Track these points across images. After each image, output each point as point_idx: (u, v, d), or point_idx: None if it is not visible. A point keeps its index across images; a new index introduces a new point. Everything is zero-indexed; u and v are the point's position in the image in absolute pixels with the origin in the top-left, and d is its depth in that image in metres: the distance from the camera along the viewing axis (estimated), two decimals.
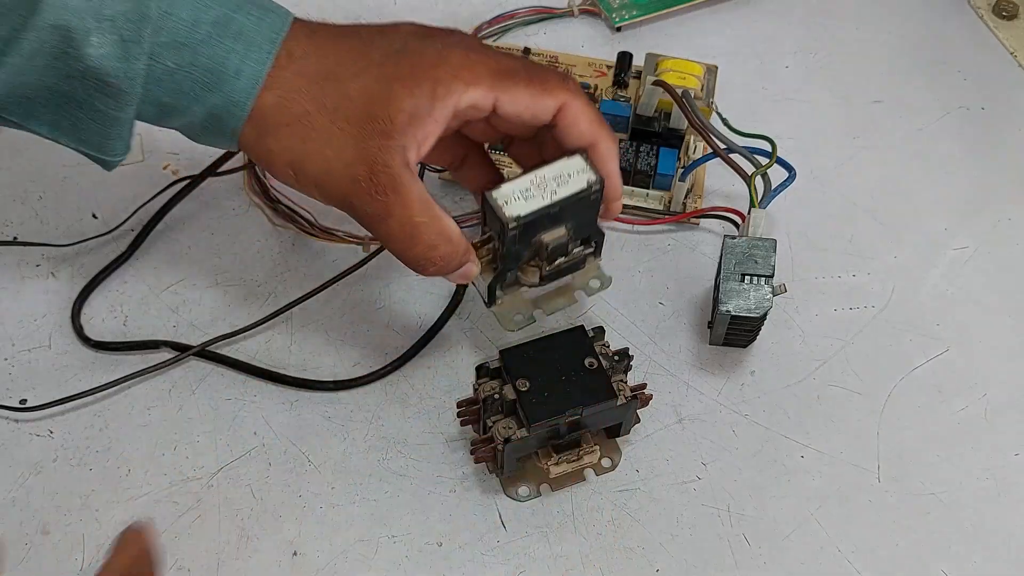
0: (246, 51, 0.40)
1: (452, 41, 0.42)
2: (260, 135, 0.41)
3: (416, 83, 0.40)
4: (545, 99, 0.42)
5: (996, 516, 0.48)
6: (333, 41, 0.41)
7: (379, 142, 0.40)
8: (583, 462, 0.47)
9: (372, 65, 0.41)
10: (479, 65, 0.41)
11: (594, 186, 0.43)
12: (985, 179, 0.59)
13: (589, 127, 0.43)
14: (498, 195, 0.42)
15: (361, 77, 0.40)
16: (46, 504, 0.47)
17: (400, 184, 0.40)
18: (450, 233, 0.42)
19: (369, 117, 0.40)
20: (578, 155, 0.43)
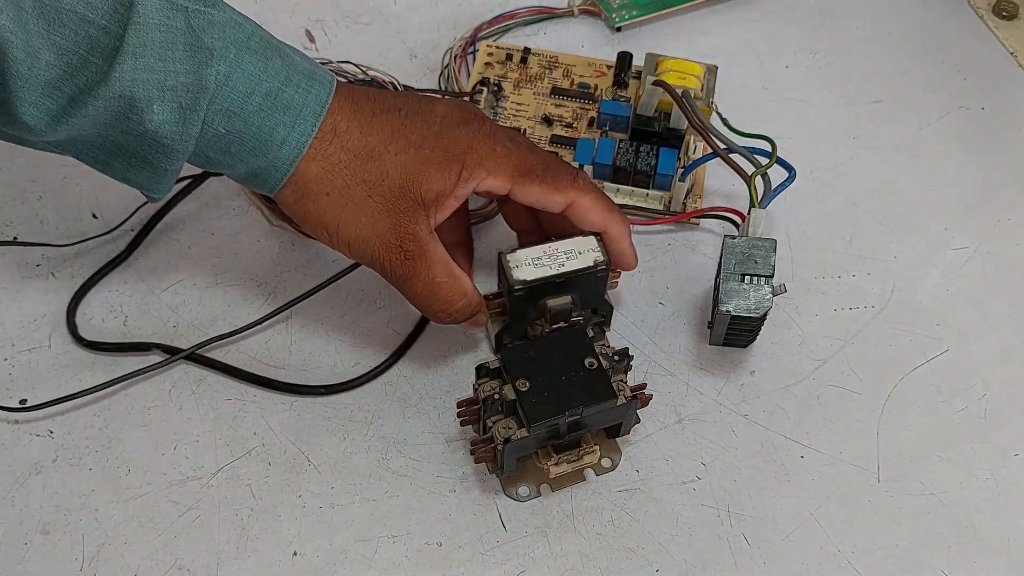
0: (292, 123, 0.43)
1: (484, 132, 0.46)
2: (299, 198, 0.45)
3: (447, 166, 0.45)
4: (555, 196, 0.47)
5: (996, 516, 0.48)
6: (375, 118, 0.45)
7: (410, 215, 0.44)
8: (583, 462, 0.47)
9: (411, 146, 0.45)
10: (503, 159, 0.46)
11: (600, 266, 0.47)
12: (985, 179, 0.59)
13: (598, 218, 0.48)
14: (511, 258, 0.47)
15: (400, 156, 0.44)
16: (46, 504, 0.47)
17: (426, 250, 0.45)
18: (466, 290, 0.47)
19: (403, 193, 0.44)
20: (592, 236, 0.48)
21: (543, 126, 0.60)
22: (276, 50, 0.43)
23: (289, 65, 0.43)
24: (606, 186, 0.56)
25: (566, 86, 0.61)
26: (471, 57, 0.63)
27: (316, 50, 0.63)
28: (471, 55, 0.63)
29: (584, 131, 0.59)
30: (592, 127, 0.60)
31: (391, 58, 0.63)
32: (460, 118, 0.46)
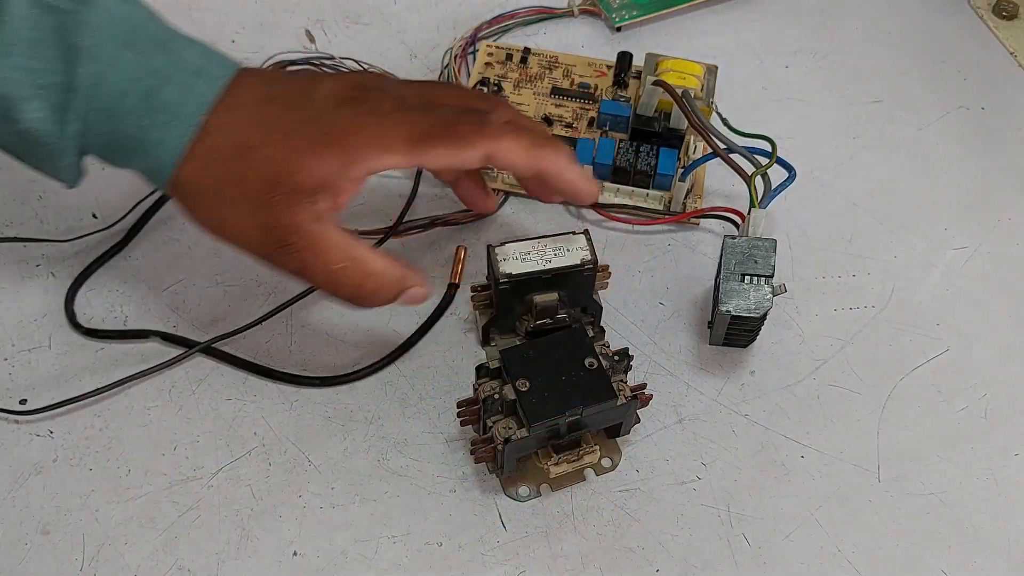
0: (168, 123, 0.42)
1: (368, 107, 0.43)
2: (182, 199, 0.44)
3: (324, 151, 0.42)
4: (467, 152, 0.44)
5: (996, 516, 0.48)
6: (254, 109, 0.43)
7: (287, 207, 0.42)
8: (583, 462, 0.47)
9: (282, 136, 0.42)
10: (392, 134, 0.43)
11: (587, 265, 0.47)
12: (985, 179, 0.59)
13: (525, 160, 0.45)
14: (500, 251, 0.47)
15: (268, 148, 0.42)
16: (46, 504, 0.47)
17: (313, 240, 0.42)
18: (373, 269, 0.44)
19: (275, 186, 0.42)
20: (582, 234, 0.48)
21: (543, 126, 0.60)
22: (162, 46, 0.42)
23: (174, 62, 0.42)
24: (606, 186, 0.56)
25: (566, 86, 0.61)
26: (471, 57, 0.63)
27: (316, 50, 0.63)
28: (471, 55, 0.63)
29: (584, 131, 0.59)
30: (592, 127, 0.60)
31: (391, 58, 0.63)
32: (343, 98, 0.44)
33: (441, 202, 0.57)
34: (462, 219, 0.56)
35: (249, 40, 0.64)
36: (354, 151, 0.42)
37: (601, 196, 0.56)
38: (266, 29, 0.65)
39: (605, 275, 0.50)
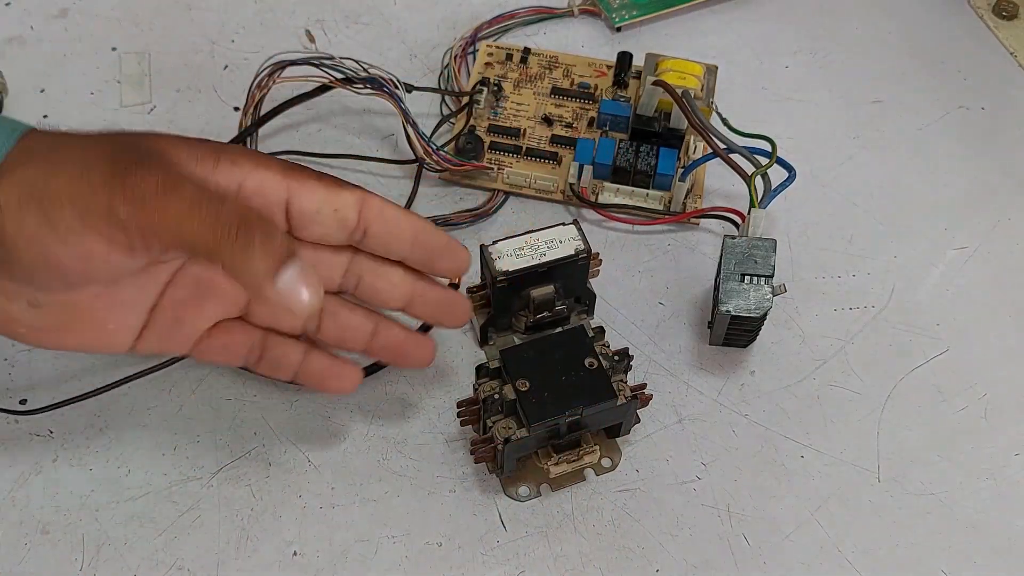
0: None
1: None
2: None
3: (195, 145, 0.39)
4: (342, 193, 0.41)
5: (996, 516, 0.48)
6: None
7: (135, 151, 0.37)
8: (583, 462, 0.47)
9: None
10: (267, 159, 0.41)
11: (581, 254, 0.48)
12: (985, 179, 0.59)
13: (400, 215, 0.43)
14: (493, 249, 0.47)
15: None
16: (46, 504, 0.47)
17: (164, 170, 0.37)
18: (213, 193, 0.37)
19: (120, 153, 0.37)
20: (572, 225, 0.48)
21: (543, 126, 0.60)
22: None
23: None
24: (606, 186, 0.56)
25: (566, 86, 0.61)
26: (471, 57, 0.63)
27: (316, 50, 0.63)
28: (471, 55, 0.63)
29: (584, 131, 0.59)
30: (592, 127, 0.60)
31: (391, 58, 0.63)
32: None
33: (441, 202, 0.57)
34: (462, 219, 0.56)
35: (249, 40, 0.64)
36: (228, 156, 0.40)
37: (601, 196, 0.56)
38: (266, 29, 0.65)
39: (596, 263, 0.51)
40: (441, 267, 0.44)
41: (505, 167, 0.58)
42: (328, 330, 0.44)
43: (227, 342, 0.43)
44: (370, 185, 0.58)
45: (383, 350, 0.45)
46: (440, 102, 0.61)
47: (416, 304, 0.45)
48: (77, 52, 0.63)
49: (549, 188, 0.57)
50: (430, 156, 0.55)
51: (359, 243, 0.43)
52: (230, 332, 0.44)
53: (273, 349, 0.44)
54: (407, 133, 0.54)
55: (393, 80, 0.54)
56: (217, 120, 0.60)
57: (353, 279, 0.44)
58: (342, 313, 0.45)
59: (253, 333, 0.44)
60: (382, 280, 0.44)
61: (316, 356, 0.44)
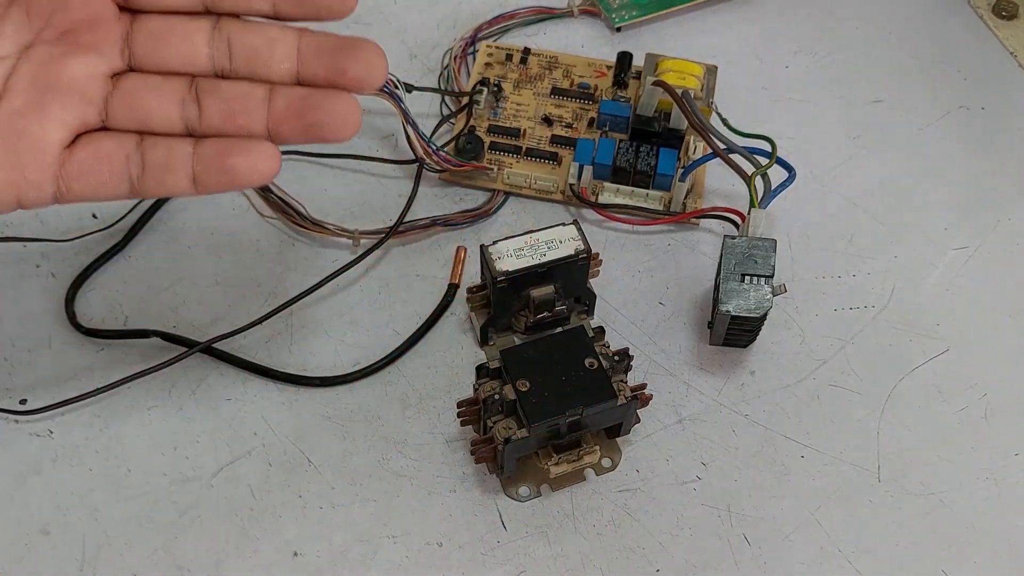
0: None
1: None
2: None
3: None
4: None
5: (996, 516, 0.48)
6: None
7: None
8: (583, 462, 0.47)
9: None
10: None
11: (581, 254, 0.48)
12: (985, 179, 0.59)
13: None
14: (493, 250, 0.47)
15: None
16: (46, 504, 0.47)
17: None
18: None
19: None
20: (572, 225, 0.48)
21: (543, 126, 0.60)
22: None
23: None
24: (606, 186, 0.56)
25: (566, 86, 0.61)
26: (471, 57, 0.63)
27: None
28: (471, 55, 0.63)
29: (584, 131, 0.59)
30: (592, 127, 0.60)
31: (391, 58, 0.62)
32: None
33: (441, 202, 0.57)
34: (462, 219, 0.56)
35: None
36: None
37: (601, 196, 0.56)
38: None
39: (596, 263, 0.51)
40: (320, 2, 0.36)
41: (505, 167, 0.58)
42: (211, 111, 0.36)
43: (94, 156, 0.35)
44: (370, 185, 0.58)
45: (288, 117, 0.36)
46: (440, 102, 0.61)
47: (309, 59, 0.36)
48: None
49: (549, 188, 0.57)
50: (430, 156, 0.55)
51: (217, 2, 0.36)
52: (95, 143, 0.36)
53: (153, 151, 0.36)
54: (407, 133, 0.54)
55: (393, 80, 0.53)
56: None
57: (223, 47, 0.36)
58: (222, 87, 0.36)
59: (125, 139, 0.36)
60: (258, 36, 0.36)
61: (210, 142, 0.36)
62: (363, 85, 0.36)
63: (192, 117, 0.36)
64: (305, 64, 0.36)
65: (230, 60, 0.36)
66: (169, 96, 0.36)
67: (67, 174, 0.35)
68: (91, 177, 0.35)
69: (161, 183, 0.36)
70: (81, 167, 0.35)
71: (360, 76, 0.36)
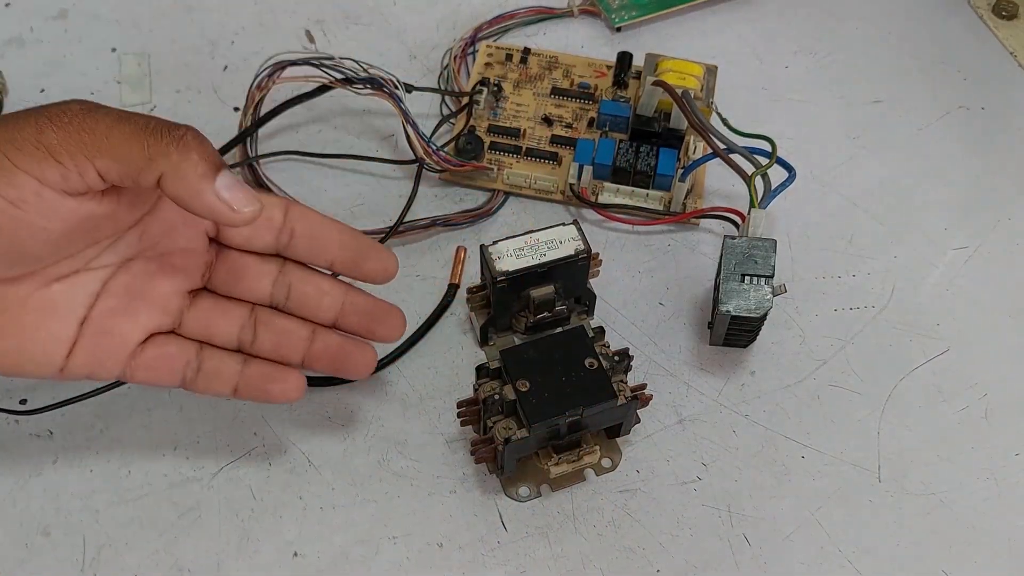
0: None
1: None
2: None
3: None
4: (267, 195, 0.43)
5: (996, 516, 0.48)
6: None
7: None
8: (583, 462, 0.47)
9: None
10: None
11: (581, 254, 0.48)
12: (985, 179, 0.59)
13: (333, 227, 0.44)
14: (493, 250, 0.47)
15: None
16: (46, 505, 0.47)
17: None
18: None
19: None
20: (572, 225, 0.48)
21: (543, 126, 0.60)
22: None
23: None
24: (606, 186, 0.56)
25: (566, 86, 0.61)
26: (471, 57, 0.63)
27: (316, 50, 0.63)
28: (471, 55, 0.63)
29: (584, 131, 0.59)
30: (592, 127, 0.60)
31: (391, 58, 0.63)
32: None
33: (441, 202, 0.57)
34: (462, 219, 0.56)
35: (249, 41, 0.64)
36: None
37: (601, 196, 0.56)
38: (266, 30, 0.65)
39: (596, 263, 0.51)
40: (369, 268, 0.44)
41: (505, 167, 0.58)
42: (263, 339, 0.44)
43: (161, 356, 0.43)
44: (370, 185, 0.58)
45: (322, 356, 0.44)
46: (440, 102, 0.61)
47: (349, 314, 0.45)
48: (77, 53, 0.63)
49: (549, 188, 0.57)
50: (430, 156, 0.55)
51: (285, 248, 0.44)
52: (164, 346, 0.43)
53: (209, 361, 0.43)
54: (407, 133, 0.54)
55: (393, 80, 0.54)
56: (217, 120, 0.60)
57: (283, 288, 0.44)
58: (276, 320, 0.44)
59: (188, 346, 0.43)
60: (312, 287, 0.44)
61: (256, 364, 0.44)
62: (385, 341, 0.46)
63: (247, 341, 0.44)
64: (344, 317, 0.45)
65: (286, 300, 0.44)
66: (233, 321, 0.44)
67: (134, 365, 0.42)
68: (153, 372, 0.43)
69: (208, 386, 0.43)
70: (147, 362, 0.42)
71: (384, 336, 0.45)
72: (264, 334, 0.44)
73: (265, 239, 0.44)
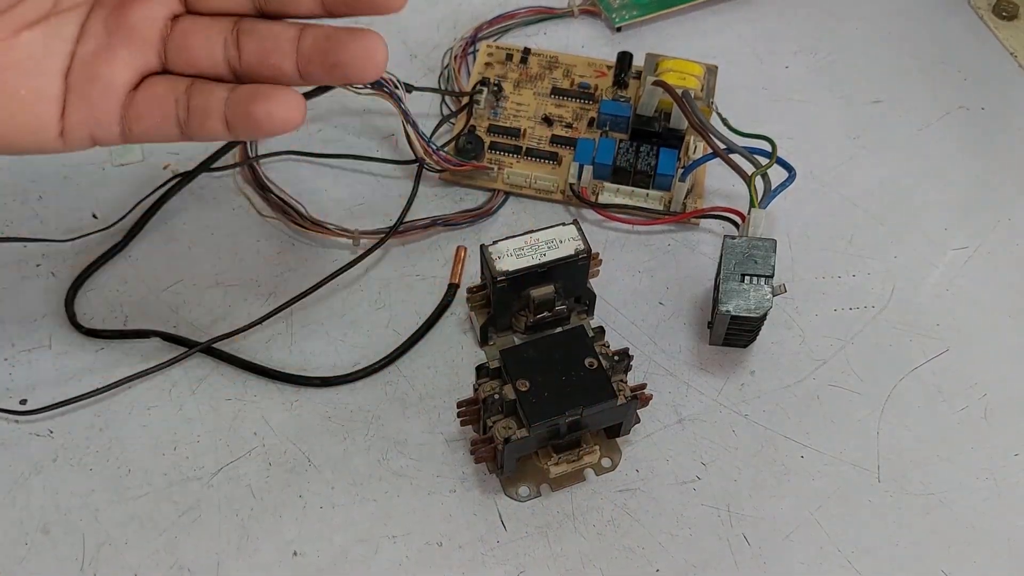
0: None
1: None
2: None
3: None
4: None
5: (996, 516, 0.48)
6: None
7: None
8: (583, 462, 0.47)
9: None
10: None
11: (581, 254, 0.48)
12: (985, 179, 0.59)
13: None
14: (494, 250, 0.47)
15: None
16: (46, 503, 0.47)
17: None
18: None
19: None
20: (572, 225, 0.48)
21: (543, 126, 0.60)
22: None
23: None
24: (606, 186, 0.56)
25: (566, 86, 0.61)
26: (471, 57, 0.63)
27: None
28: (471, 55, 0.63)
29: (584, 131, 0.59)
30: (592, 127, 0.60)
31: (392, 58, 0.62)
32: None
33: (441, 202, 0.57)
34: (462, 219, 0.56)
35: None
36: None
37: (601, 196, 0.57)
38: None
39: (596, 263, 0.51)
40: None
41: (505, 167, 0.58)
42: (248, 50, 0.39)
43: (152, 98, 0.39)
44: (370, 185, 0.58)
45: (315, 55, 0.39)
46: (440, 102, 0.61)
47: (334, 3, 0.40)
48: None
49: (549, 188, 0.57)
50: (430, 156, 0.55)
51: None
52: (153, 87, 0.39)
53: (197, 97, 0.39)
54: (407, 133, 0.54)
55: (393, 80, 0.53)
56: None
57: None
58: (259, 27, 0.39)
59: (177, 83, 0.39)
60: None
61: (241, 89, 0.39)
62: (390, 8, 0.40)
63: (233, 58, 0.39)
64: (330, 3, 0.39)
65: (267, 2, 0.39)
66: (214, 38, 0.39)
67: (129, 115, 0.39)
68: (147, 119, 0.39)
69: (202, 127, 0.38)
70: (139, 109, 0.38)
71: (380, 6, 0.39)
72: (248, 44, 0.39)
73: None
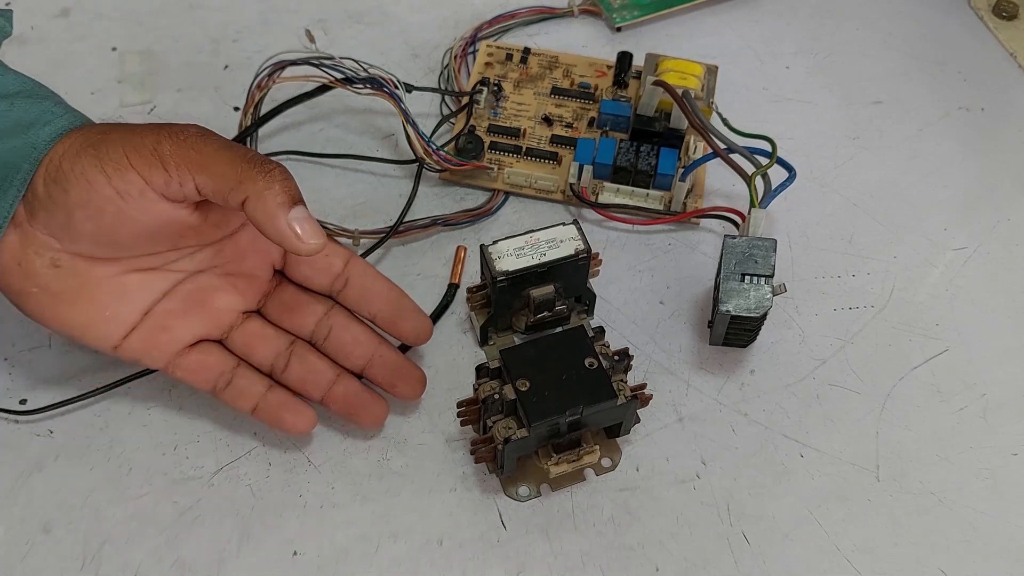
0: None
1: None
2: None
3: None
4: (334, 244, 0.49)
5: (996, 516, 0.48)
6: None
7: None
8: (583, 462, 0.47)
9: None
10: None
11: (581, 254, 0.48)
12: (985, 179, 0.59)
13: (384, 284, 0.49)
14: (494, 250, 0.48)
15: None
16: (47, 503, 0.47)
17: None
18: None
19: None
20: (572, 225, 0.48)
21: (543, 126, 0.60)
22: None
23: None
24: (606, 186, 0.57)
25: (566, 86, 0.61)
26: (471, 57, 0.63)
27: (316, 49, 0.63)
28: (471, 55, 0.63)
29: (584, 131, 0.59)
30: (592, 127, 0.60)
31: (392, 58, 0.63)
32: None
33: (441, 202, 0.57)
34: (462, 219, 0.56)
35: (251, 40, 0.64)
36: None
37: (601, 196, 0.57)
38: (269, 29, 0.65)
39: (596, 263, 0.51)
40: (406, 327, 0.49)
41: (505, 167, 0.58)
42: (294, 370, 0.48)
43: (201, 361, 0.47)
44: (370, 185, 0.58)
45: (339, 399, 0.48)
46: (440, 102, 0.61)
47: (375, 365, 0.48)
48: (78, 52, 0.63)
49: (549, 188, 0.57)
50: (430, 156, 0.55)
51: (338, 294, 0.49)
52: (207, 353, 0.47)
53: (240, 379, 0.47)
54: (407, 133, 0.54)
55: (393, 80, 0.54)
56: (218, 120, 0.60)
57: (324, 329, 0.49)
58: (309, 357, 0.48)
59: (227, 359, 0.47)
60: (349, 334, 0.48)
61: (278, 392, 0.48)
62: (404, 399, 0.49)
63: (279, 367, 0.48)
64: (371, 368, 0.49)
65: (324, 340, 0.49)
66: (273, 347, 0.48)
67: (176, 363, 0.47)
68: (190, 373, 0.47)
69: (233, 400, 0.47)
70: (189, 364, 0.47)
71: (403, 393, 0.49)
72: (295, 365, 0.48)
73: (322, 281, 0.49)
